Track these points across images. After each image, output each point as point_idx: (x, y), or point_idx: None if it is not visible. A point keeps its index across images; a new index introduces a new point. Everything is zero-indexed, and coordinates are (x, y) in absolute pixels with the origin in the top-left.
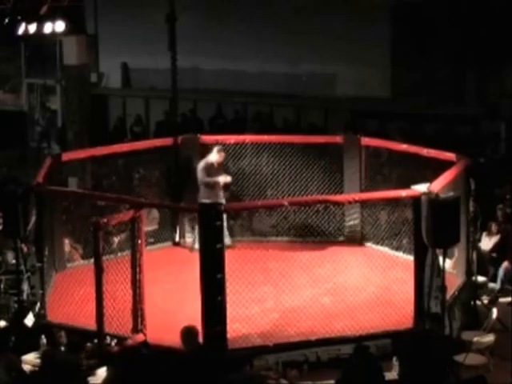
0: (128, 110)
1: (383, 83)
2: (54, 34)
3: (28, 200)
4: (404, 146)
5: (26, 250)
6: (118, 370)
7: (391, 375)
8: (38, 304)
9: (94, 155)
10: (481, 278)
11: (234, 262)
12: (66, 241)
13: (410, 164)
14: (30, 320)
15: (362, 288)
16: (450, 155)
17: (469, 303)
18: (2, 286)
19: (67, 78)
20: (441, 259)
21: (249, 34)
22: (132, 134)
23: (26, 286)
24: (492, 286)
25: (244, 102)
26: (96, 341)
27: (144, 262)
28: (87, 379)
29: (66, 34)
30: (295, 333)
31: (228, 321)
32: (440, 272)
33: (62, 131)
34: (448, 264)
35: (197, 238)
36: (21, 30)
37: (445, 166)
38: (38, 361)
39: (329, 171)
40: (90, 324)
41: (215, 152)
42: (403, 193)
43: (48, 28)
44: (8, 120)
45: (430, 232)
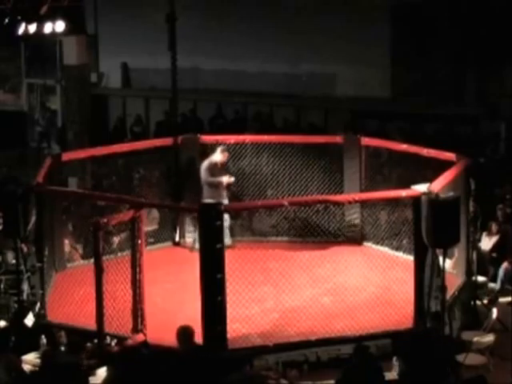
0: (128, 110)
1: (383, 83)
2: (54, 34)
3: (28, 200)
4: (404, 146)
5: (25, 249)
6: (118, 370)
7: (391, 375)
8: (38, 304)
9: (94, 155)
10: (481, 278)
11: (233, 262)
12: (65, 241)
13: (410, 164)
14: (30, 320)
15: (362, 288)
16: (450, 155)
17: (469, 303)
18: (2, 286)
19: (67, 78)
20: (441, 259)
21: (249, 34)
22: (132, 134)
23: (26, 286)
24: (492, 286)
25: (244, 102)
26: (96, 341)
27: (144, 262)
28: (88, 379)
29: (66, 33)
30: (295, 333)
31: (228, 321)
32: (440, 272)
33: (62, 131)
34: (448, 264)
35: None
36: (21, 30)
37: (445, 165)
38: (38, 361)
39: (329, 171)
40: (90, 324)
41: (219, 152)
42: (403, 193)
43: (48, 28)
44: (8, 120)
45: (429, 232)
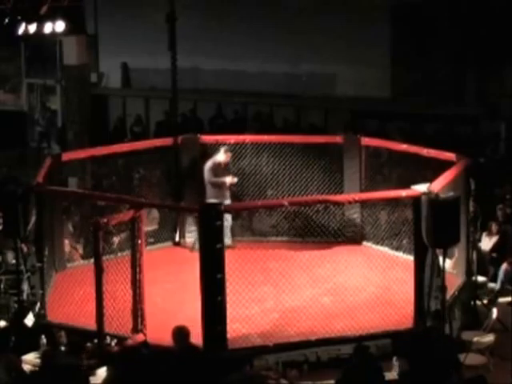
0: (128, 110)
1: (383, 83)
2: (54, 34)
3: (28, 200)
4: (404, 146)
5: (26, 249)
6: (118, 370)
7: (391, 375)
8: (38, 304)
9: (94, 155)
10: (481, 278)
11: (234, 262)
12: (65, 241)
13: (410, 164)
14: (30, 320)
15: (362, 288)
16: (450, 155)
17: (469, 303)
18: (2, 286)
19: (67, 77)
20: (441, 259)
21: (249, 33)
22: (132, 134)
23: (26, 286)
24: (492, 286)
25: (244, 102)
26: (96, 341)
27: (144, 262)
28: (88, 379)
29: (66, 33)
30: (295, 333)
31: (228, 321)
32: (440, 272)
33: (62, 131)
34: (448, 264)
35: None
36: (21, 30)
37: (445, 165)
38: (38, 361)
39: (329, 171)
40: (90, 324)
41: (222, 152)
42: (403, 193)
43: (48, 28)
44: (8, 120)
45: (429, 232)
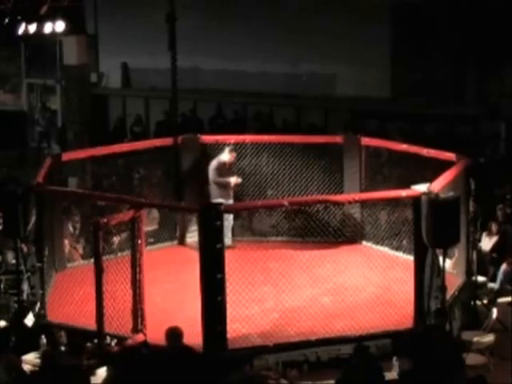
0: (128, 110)
1: (383, 83)
2: (54, 34)
3: (28, 200)
4: (404, 146)
5: (26, 249)
6: (118, 370)
7: (391, 375)
8: (38, 304)
9: (94, 155)
10: (481, 278)
11: (234, 262)
12: (65, 241)
13: (410, 164)
14: (30, 320)
15: (362, 288)
16: (450, 155)
17: (469, 303)
18: (2, 286)
19: (67, 77)
20: (441, 259)
21: (249, 33)
22: (132, 134)
23: (26, 286)
24: (492, 286)
25: (244, 102)
26: (96, 341)
27: (144, 262)
28: (89, 379)
29: (66, 33)
30: (295, 333)
31: (228, 321)
32: (440, 272)
33: (62, 131)
34: (448, 264)
35: None
36: (21, 30)
37: (445, 165)
38: (38, 361)
39: (329, 171)
40: (90, 324)
41: (227, 152)
42: (403, 193)
43: (48, 28)
44: (8, 120)
45: (429, 232)
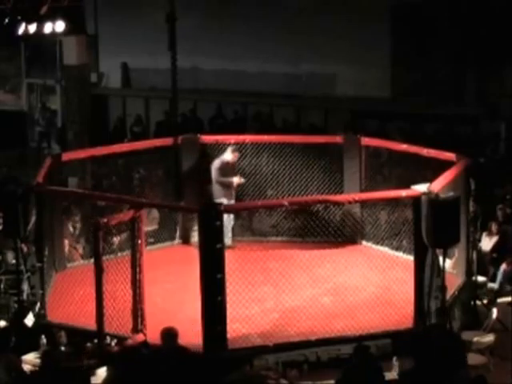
0: (128, 110)
1: (383, 83)
2: (54, 34)
3: (28, 200)
4: (404, 146)
5: (26, 249)
6: (118, 370)
7: (391, 375)
8: (38, 304)
9: (94, 155)
10: (481, 278)
11: (234, 262)
12: (65, 241)
13: (410, 164)
14: (30, 320)
15: (362, 288)
16: (450, 155)
17: (469, 303)
18: (2, 286)
19: (67, 77)
20: (441, 259)
21: (249, 33)
22: (132, 134)
23: (26, 286)
24: (492, 286)
25: (244, 102)
26: (96, 341)
27: (144, 261)
28: (89, 379)
29: (66, 33)
30: (295, 333)
31: (228, 321)
32: (440, 272)
33: (62, 131)
34: (448, 264)
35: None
36: (21, 30)
37: (445, 165)
38: (38, 361)
39: (329, 171)
40: (90, 324)
41: (229, 152)
42: (403, 193)
43: (48, 28)
44: (8, 120)
45: (429, 232)
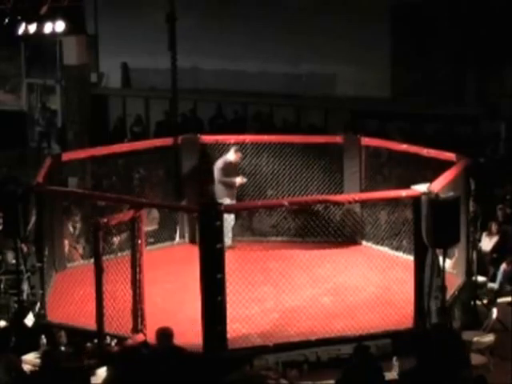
0: (128, 110)
1: (383, 83)
2: (54, 34)
3: (28, 200)
4: (404, 146)
5: (26, 249)
6: (118, 370)
7: (391, 375)
8: (38, 304)
9: (94, 155)
10: (481, 278)
11: (234, 262)
12: (65, 241)
13: (410, 164)
14: (30, 320)
15: (362, 288)
16: (450, 155)
17: (469, 303)
18: (2, 286)
19: (67, 77)
20: (441, 259)
21: (249, 33)
22: (132, 134)
23: (26, 286)
24: (492, 286)
25: (244, 102)
26: (96, 341)
27: (144, 262)
28: (89, 379)
29: (66, 33)
30: (295, 333)
31: (228, 321)
32: (440, 272)
33: (62, 131)
34: (448, 264)
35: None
36: (21, 30)
37: (445, 165)
38: (38, 361)
39: (329, 171)
40: (90, 324)
41: (233, 152)
42: (403, 193)
43: (48, 28)
44: (8, 120)
45: (429, 232)
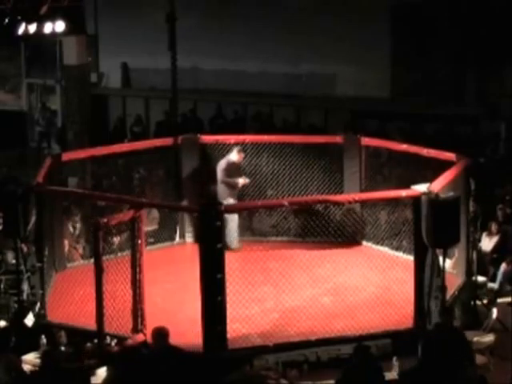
0: (128, 110)
1: (383, 83)
2: (54, 34)
3: (28, 200)
4: (404, 146)
5: (26, 249)
6: (118, 370)
7: (391, 375)
8: (38, 304)
9: (94, 155)
10: (481, 278)
11: (234, 262)
12: (65, 241)
13: (410, 164)
14: (30, 320)
15: (362, 288)
16: (450, 155)
17: (469, 303)
18: (2, 286)
19: (67, 78)
20: (441, 259)
21: (249, 33)
22: (132, 134)
23: (26, 286)
24: (492, 286)
25: (244, 102)
26: (96, 341)
27: (144, 262)
28: (89, 379)
29: (65, 33)
30: (295, 333)
31: (228, 321)
32: (440, 272)
33: (62, 131)
34: (448, 264)
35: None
36: (21, 30)
37: (445, 165)
38: (38, 361)
39: (329, 171)
40: (90, 324)
41: (235, 152)
42: (403, 193)
43: (48, 28)
44: (8, 120)
45: (430, 232)
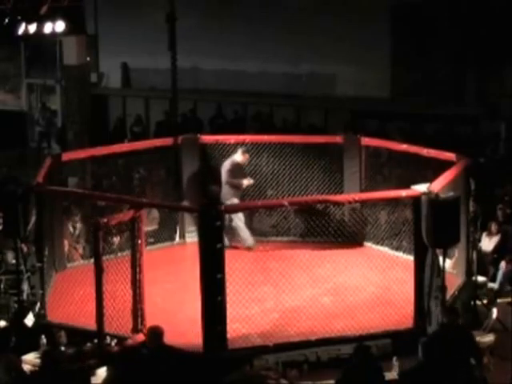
0: (128, 110)
1: (383, 83)
2: (54, 34)
3: (28, 200)
4: (404, 146)
5: (26, 249)
6: (118, 370)
7: (391, 375)
8: (38, 304)
9: (94, 155)
10: (481, 278)
11: (234, 262)
12: (65, 241)
13: (410, 164)
14: (30, 320)
15: (362, 288)
16: (450, 155)
17: (469, 303)
18: (2, 286)
19: (67, 78)
20: (441, 259)
21: (249, 33)
22: (132, 134)
23: (26, 286)
24: (492, 286)
25: (244, 102)
26: (96, 341)
27: (144, 262)
28: (89, 379)
29: (65, 33)
30: (295, 333)
31: (228, 321)
32: (440, 272)
33: (62, 131)
34: (448, 264)
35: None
36: (21, 30)
37: (445, 165)
38: (38, 361)
39: (329, 171)
40: (90, 324)
41: (240, 153)
42: (403, 193)
43: (48, 28)
44: (8, 120)
45: (430, 232)
